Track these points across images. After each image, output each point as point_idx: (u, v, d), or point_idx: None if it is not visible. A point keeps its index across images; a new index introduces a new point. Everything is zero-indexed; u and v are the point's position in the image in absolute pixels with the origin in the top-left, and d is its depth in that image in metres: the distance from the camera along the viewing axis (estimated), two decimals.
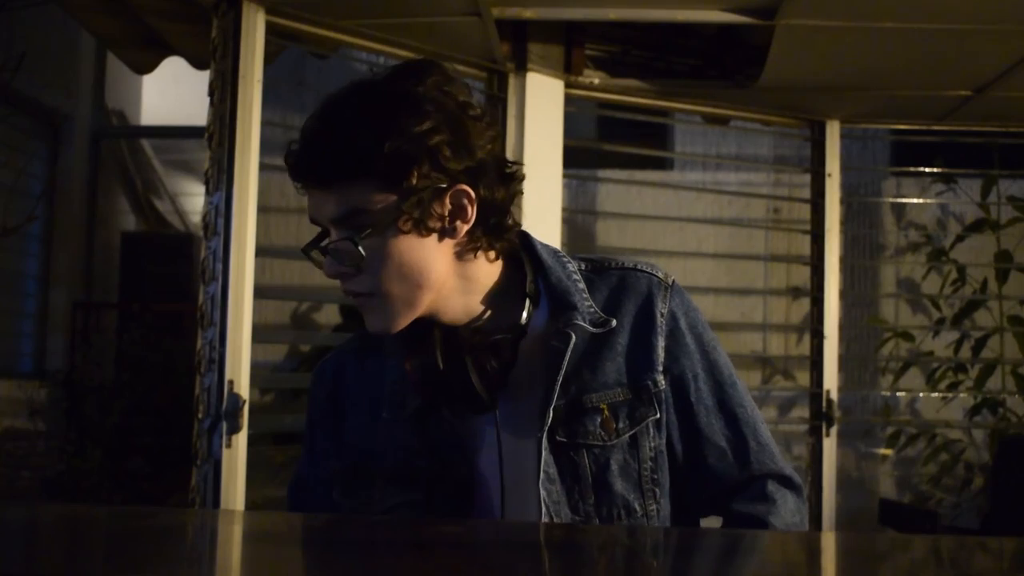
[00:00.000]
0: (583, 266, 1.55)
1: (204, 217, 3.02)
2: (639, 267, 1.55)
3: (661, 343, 1.50)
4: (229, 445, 2.90)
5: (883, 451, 5.11)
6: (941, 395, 4.72)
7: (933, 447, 4.70)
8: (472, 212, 1.41)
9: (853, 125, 4.34)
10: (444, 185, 1.39)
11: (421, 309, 1.43)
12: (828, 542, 1.38)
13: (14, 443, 4.82)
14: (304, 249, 1.44)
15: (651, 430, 1.49)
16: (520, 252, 1.53)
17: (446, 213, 1.40)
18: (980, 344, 4.61)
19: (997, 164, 4.63)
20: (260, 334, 3.15)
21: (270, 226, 5.23)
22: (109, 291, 5.81)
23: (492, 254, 1.47)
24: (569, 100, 3.73)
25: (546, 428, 1.45)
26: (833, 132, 4.18)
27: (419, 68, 1.41)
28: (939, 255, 4.87)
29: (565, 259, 1.54)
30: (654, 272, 1.54)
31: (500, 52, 3.51)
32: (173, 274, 5.57)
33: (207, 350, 2.95)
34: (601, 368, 1.48)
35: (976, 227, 4.81)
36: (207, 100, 3.04)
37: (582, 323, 1.47)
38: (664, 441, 1.51)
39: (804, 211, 4.36)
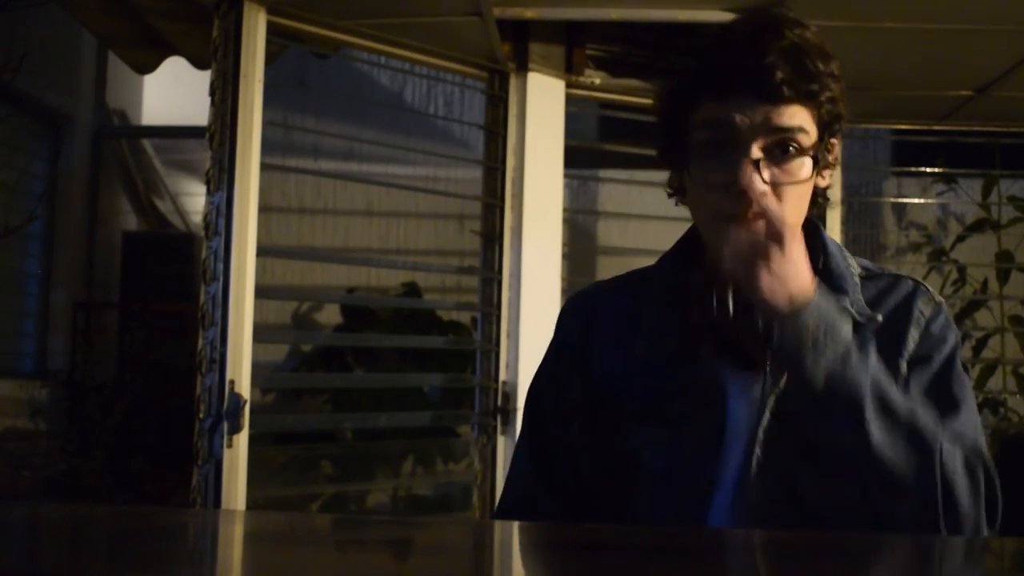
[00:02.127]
0: (861, 271, 1.58)
1: (205, 217, 3.02)
2: (912, 277, 1.60)
3: (914, 335, 1.53)
4: (230, 445, 2.90)
5: None
6: None
7: None
8: (836, 162, 1.53)
9: (854, 125, 4.33)
10: (840, 135, 1.52)
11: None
12: (828, 542, 1.38)
13: (15, 443, 4.82)
14: (739, 150, 1.43)
15: None
16: (812, 231, 1.56)
17: (831, 165, 1.52)
18: (981, 344, 4.60)
19: (998, 164, 4.63)
20: (261, 334, 3.15)
21: (271, 226, 5.24)
22: (110, 291, 5.81)
23: None
24: (570, 100, 3.73)
25: (774, 396, 1.46)
26: None
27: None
28: (940, 255, 4.86)
29: (847, 254, 1.59)
30: (925, 284, 1.59)
31: (501, 52, 3.51)
32: (174, 274, 5.57)
33: (208, 350, 2.95)
34: None
35: (977, 227, 4.80)
36: (208, 100, 3.05)
37: (850, 308, 1.48)
38: None
39: None
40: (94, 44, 5.63)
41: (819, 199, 1.53)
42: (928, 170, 4.84)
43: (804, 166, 1.44)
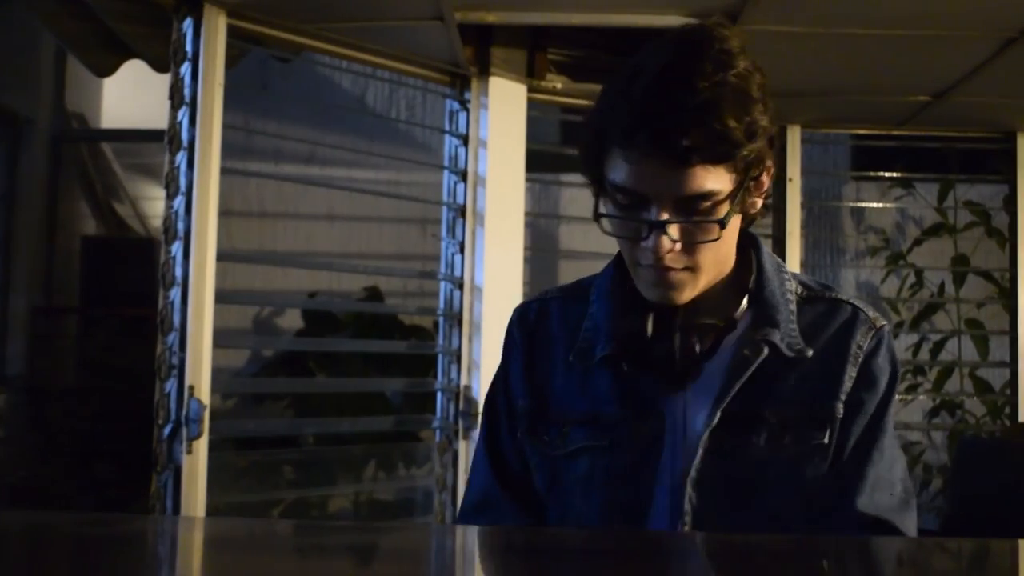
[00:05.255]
0: (800, 291, 1.55)
1: (164, 221, 3.00)
2: (851, 300, 1.55)
3: (850, 373, 1.50)
4: (190, 451, 2.88)
5: None
6: (900, 397, 4.76)
7: None
8: (768, 192, 1.47)
9: (814, 130, 4.37)
10: (767, 170, 1.44)
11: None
12: (788, 544, 1.39)
13: None
14: (627, 218, 1.44)
15: (817, 455, 1.49)
16: (749, 251, 1.55)
17: (762, 195, 1.46)
18: (938, 347, 4.65)
19: (954, 169, 4.68)
20: (221, 339, 3.13)
21: (232, 230, 5.20)
22: (69, 296, 5.75)
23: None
24: (532, 104, 3.74)
25: (708, 430, 1.46)
26: (794, 137, 4.21)
27: (735, 48, 1.39)
28: (898, 259, 4.91)
29: (787, 276, 1.55)
30: (864, 309, 1.54)
31: (463, 56, 3.51)
32: (134, 278, 5.52)
33: (167, 355, 2.93)
34: (781, 385, 1.49)
35: (933, 231, 4.85)
36: (168, 103, 3.03)
37: (779, 343, 1.48)
38: (827, 466, 1.50)
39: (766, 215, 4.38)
40: (53, 47, 5.57)
41: (760, 215, 1.52)
42: (886, 175, 4.89)
43: (714, 226, 1.40)
